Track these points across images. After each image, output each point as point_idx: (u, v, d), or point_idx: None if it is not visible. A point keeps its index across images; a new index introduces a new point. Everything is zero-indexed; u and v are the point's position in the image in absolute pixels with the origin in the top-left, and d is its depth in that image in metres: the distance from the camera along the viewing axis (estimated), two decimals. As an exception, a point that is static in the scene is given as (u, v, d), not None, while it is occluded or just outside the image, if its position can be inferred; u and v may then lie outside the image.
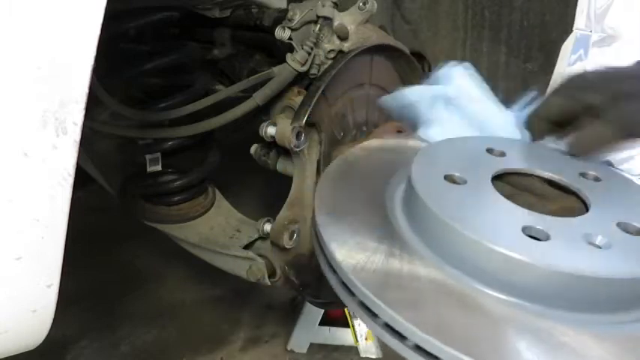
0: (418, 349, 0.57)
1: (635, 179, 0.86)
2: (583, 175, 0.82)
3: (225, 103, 1.24)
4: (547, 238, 0.65)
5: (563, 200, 0.78)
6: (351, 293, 0.64)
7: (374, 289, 0.62)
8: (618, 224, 0.70)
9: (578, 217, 0.71)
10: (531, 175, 0.82)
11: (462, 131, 0.93)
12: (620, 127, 0.76)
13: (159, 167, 1.37)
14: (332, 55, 1.19)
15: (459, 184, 0.75)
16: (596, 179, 0.81)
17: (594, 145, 0.80)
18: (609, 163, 0.89)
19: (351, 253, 0.68)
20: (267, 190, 2.54)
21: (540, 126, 0.84)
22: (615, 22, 1.93)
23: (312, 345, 1.66)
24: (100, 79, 1.12)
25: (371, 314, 0.62)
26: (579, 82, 0.83)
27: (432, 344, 0.56)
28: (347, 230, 0.72)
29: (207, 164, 1.43)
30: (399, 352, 0.59)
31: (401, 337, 0.59)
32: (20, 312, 0.66)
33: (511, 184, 0.81)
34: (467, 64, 0.98)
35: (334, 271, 0.68)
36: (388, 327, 0.60)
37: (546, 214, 0.70)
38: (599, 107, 0.76)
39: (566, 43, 1.43)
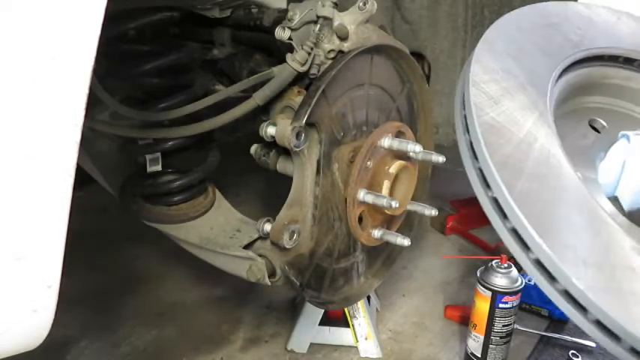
0: None
1: None
2: None
3: (225, 103, 1.24)
4: None
5: None
6: None
7: None
8: None
9: None
10: None
11: None
12: None
13: (159, 167, 1.37)
14: (332, 55, 1.20)
15: None
16: None
17: None
18: None
19: None
20: (267, 190, 2.54)
21: None
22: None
23: (312, 345, 1.66)
24: (100, 79, 1.12)
25: None
26: None
27: None
28: None
29: (207, 164, 1.43)
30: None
31: None
32: (20, 312, 0.66)
33: None
34: None
35: None
36: None
37: None
38: None
39: (566, 43, 1.43)
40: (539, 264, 0.56)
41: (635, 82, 0.82)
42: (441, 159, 1.29)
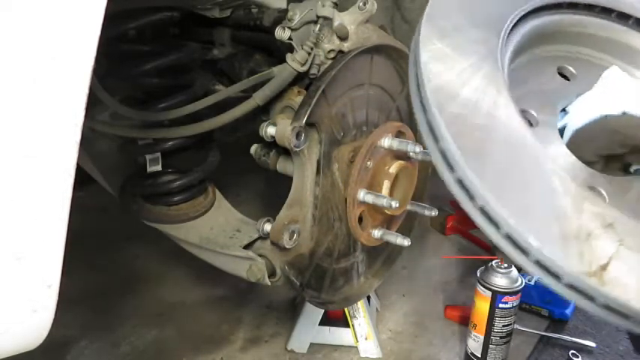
0: None
1: None
2: None
3: (225, 103, 1.24)
4: None
5: None
6: None
7: None
8: None
9: None
10: None
11: None
12: None
13: (159, 167, 1.37)
14: (332, 55, 1.20)
15: None
16: None
17: None
18: None
19: None
20: (267, 190, 2.54)
21: None
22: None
23: (312, 345, 1.66)
24: (100, 79, 1.12)
25: None
26: None
27: None
28: None
29: (207, 164, 1.43)
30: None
31: None
32: (20, 312, 0.66)
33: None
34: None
35: None
36: None
37: None
38: None
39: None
40: (460, 183, 0.56)
41: (609, 32, 0.81)
42: (441, 159, 1.28)
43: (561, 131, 0.75)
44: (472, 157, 0.55)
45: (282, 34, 1.20)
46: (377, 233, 1.34)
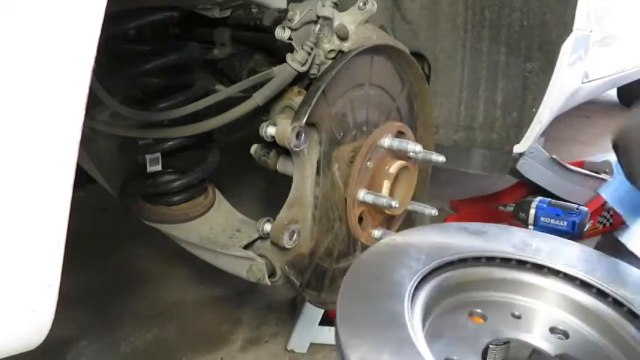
0: None
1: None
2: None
3: (225, 103, 1.23)
4: None
5: None
6: None
7: None
8: None
9: None
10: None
11: None
12: None
13: (159, 167, 1.37)
14: (332, 55, 1.19)
15: None
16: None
17: None
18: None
19: None
20: (267, 190, 2.54)
21: None
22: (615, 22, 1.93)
23: (312, 345, 1.66)
24: (100, 79, 1.12)
25: None
26: None
27: None
28: None
29: (207, 164, 1.43)
30: None
31: None
32: (20, 312, 0.66)
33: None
34: None
35: None
36: None
37: None
38: None
39: (566, 43, 1.43)
40: None
41: (502, 275, 0.96)
42: (441, 159, 1.29)
43: None
44: None
45: (282, 34, 1.20)
46: (377, 233, 1.34)
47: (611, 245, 1.21)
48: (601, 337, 0.88)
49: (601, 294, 0.89)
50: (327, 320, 1.67)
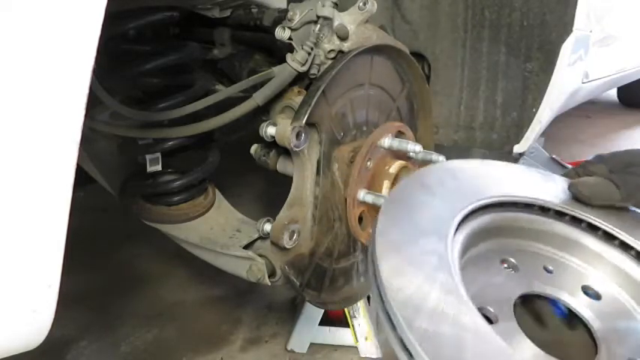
0: None
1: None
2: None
3: (225, 103, 1.23)
4: None
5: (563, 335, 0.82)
6: None
7: None
8: None
9: None
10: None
11: None
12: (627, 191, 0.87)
13: (159, 167, 1.37)
14: (332, 55, 1.19)
15: None
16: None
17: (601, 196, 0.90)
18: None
19: None
20: (267, 190, 2.54)
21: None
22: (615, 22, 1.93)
23: (312, 345, 1.66)
24: (100, 79, 1.12)
25: None
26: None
27: None
28: None
29: (207, 164, 1.43)
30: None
31: None
32: (20, 312, 0.66)
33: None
34: None
35: None
36: None
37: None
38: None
39: (566, 44, 1.43)
40: None
41: (539, 225, 0.94)
42: (441, 159, 1.29)
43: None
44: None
45: (282, 34, 1.20)
46: (377, 233, 1.34)
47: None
48: (635, 303, 0.84)
49: None
50: (327, 320, 1.67)
